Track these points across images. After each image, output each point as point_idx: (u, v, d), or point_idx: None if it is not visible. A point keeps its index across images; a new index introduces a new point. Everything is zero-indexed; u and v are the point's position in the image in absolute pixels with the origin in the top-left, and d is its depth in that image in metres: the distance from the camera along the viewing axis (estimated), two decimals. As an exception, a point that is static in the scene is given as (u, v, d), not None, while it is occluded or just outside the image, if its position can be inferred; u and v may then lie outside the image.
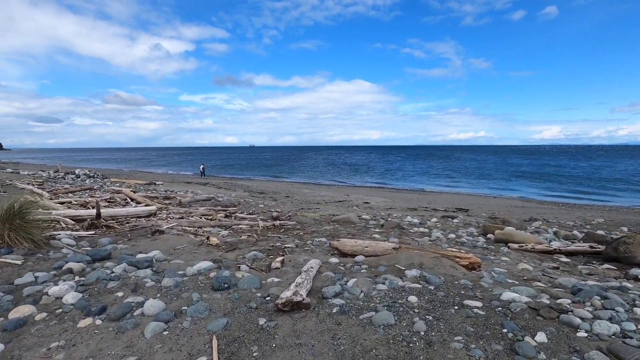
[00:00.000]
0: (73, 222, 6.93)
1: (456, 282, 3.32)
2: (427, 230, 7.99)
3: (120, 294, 2.78)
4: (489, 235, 7.56)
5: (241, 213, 9.64)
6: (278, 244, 5.51)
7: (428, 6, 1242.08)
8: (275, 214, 9.51)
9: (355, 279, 3.24)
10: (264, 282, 3.22)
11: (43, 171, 22.24)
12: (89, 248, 4.75)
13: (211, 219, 7.89)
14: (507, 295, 2.88)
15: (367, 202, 15.56)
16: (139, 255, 3.65)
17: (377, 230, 7.57)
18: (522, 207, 15.97)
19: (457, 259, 4.00)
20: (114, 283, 2.91)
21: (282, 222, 8.43)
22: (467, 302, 2.79)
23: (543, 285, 3.64)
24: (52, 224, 6.86)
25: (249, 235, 5.90)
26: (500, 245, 6.78)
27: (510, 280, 3.72)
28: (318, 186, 26.46)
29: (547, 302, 2.76)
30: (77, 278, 3.03)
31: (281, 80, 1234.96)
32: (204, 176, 30.66)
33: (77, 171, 22.66)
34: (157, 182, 20.94)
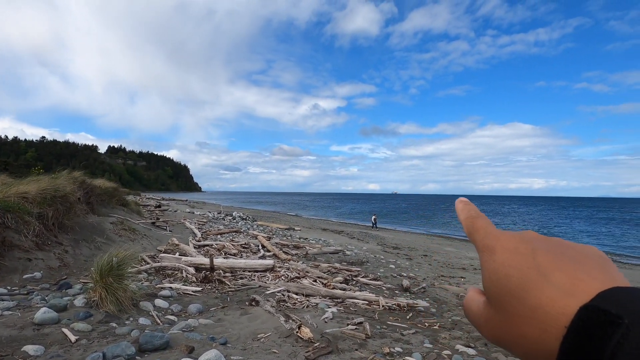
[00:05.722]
0: (194, 272, 6.87)
1: None
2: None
3: None
4: None
5: (365, 277, 8.13)
6: (398, 348, 3.74)
7: (612, 33, 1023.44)
8: (406, 283, 7.63)
9: None
10: None
11: (210, 212, 26.26)
12: (172, 317, 4.12)
13: (326, 284, 6.68)
14: None
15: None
16: None
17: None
18: None
19: None
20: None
21: (411, 298, 6.51)
22: None
23: None
24: (175, 273, 6.99)
25: (359, 324, 4.33)
26: None
27: None
28: (464, 243, 22.52)
29: None
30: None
31: (426, 127, 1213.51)
32: (375, 227, 29.28)
33: (234, 213, 25.83)
34: (296, 228, 21.66)
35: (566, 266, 0.26)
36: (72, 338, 3.04)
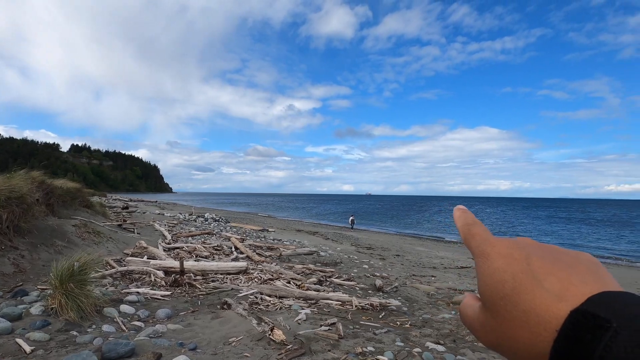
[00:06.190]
0: (163, 276, 6.64)
1: None
2: None
3: None
4: None
5: (338, 277, 8.17)
6: (370, 347, 3.79)
7: (571, 43, 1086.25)
8: (379, 282, 7.74)
9: None
10: None
11: (181, 214, 25.50)
12: (139, 323, 3.95)
13: (299, 286, 6.65)
14: None
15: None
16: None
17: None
18: None
19: None
20: None
21: (384, 297, 6.62)
22: None
23: None
24: (142, 277, 6.73)
25: (332, 325, 4.34)
26: None
27: None
28: (435, 242, 23.19)
29: None
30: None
31: (400, 130, 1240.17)
32: (353, 228, 29.31)
33: (206, 215, 25.23)
34: (270, 229, 21.43)
35: (559, 271, 0.27)
36: (27, 349, 2.84)
